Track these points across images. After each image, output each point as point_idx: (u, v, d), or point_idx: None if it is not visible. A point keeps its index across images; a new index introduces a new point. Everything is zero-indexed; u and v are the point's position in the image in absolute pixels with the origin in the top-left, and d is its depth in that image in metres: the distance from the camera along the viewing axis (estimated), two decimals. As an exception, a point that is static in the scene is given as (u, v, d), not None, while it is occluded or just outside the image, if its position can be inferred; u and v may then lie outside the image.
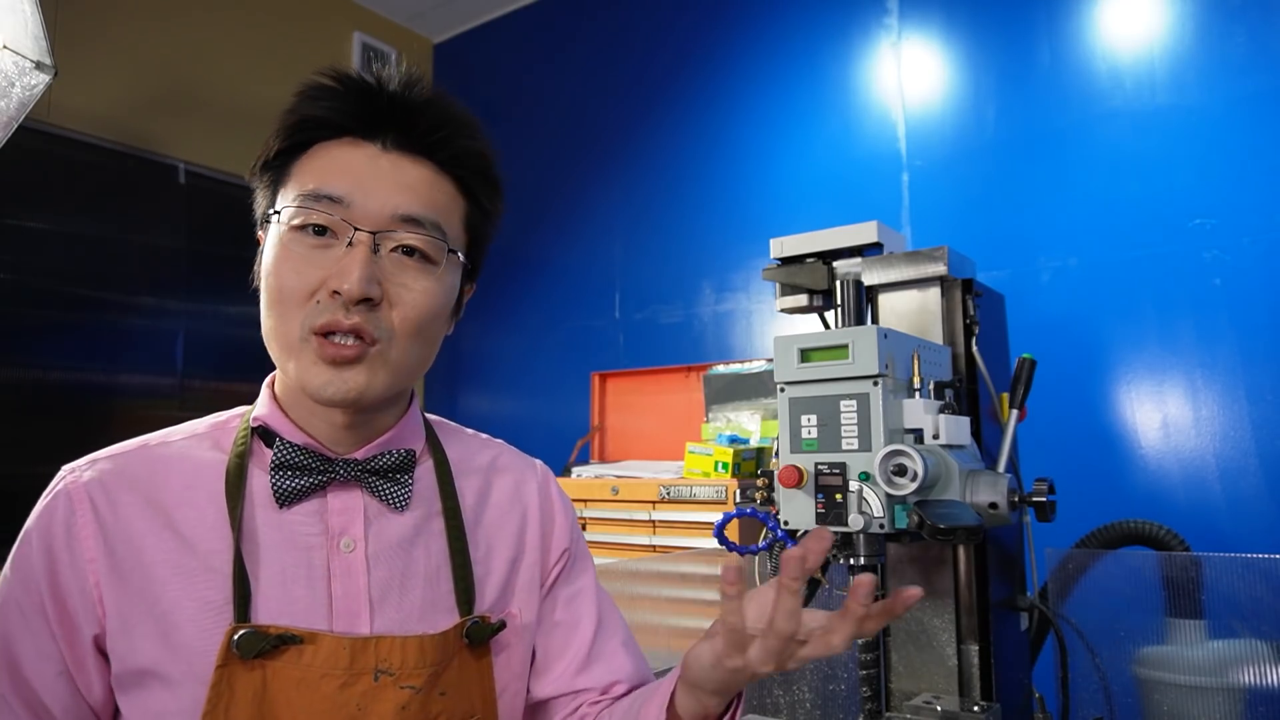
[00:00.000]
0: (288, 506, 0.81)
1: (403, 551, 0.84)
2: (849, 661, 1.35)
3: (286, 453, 0.81)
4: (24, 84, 1.07)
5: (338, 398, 0.78)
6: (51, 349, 2.80)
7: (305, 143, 0.82)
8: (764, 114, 3.00)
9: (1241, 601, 1.18)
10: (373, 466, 0.83)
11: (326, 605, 0.79)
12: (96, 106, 2.92)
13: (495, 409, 3.61)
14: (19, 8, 1.04)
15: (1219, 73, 2.19)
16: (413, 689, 0.78)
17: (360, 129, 0.82)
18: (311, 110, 0.82)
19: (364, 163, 0.81)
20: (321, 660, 0.75)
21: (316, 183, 0.79)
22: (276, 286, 0.78)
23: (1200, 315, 2.15)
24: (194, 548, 0.77)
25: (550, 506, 0.99)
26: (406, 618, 0.82)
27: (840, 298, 1.21)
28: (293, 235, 0.79)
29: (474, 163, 0.88)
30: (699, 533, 2.23)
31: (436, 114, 0.84)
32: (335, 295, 0.77)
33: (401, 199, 0.81)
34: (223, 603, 0.75)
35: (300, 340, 0.78)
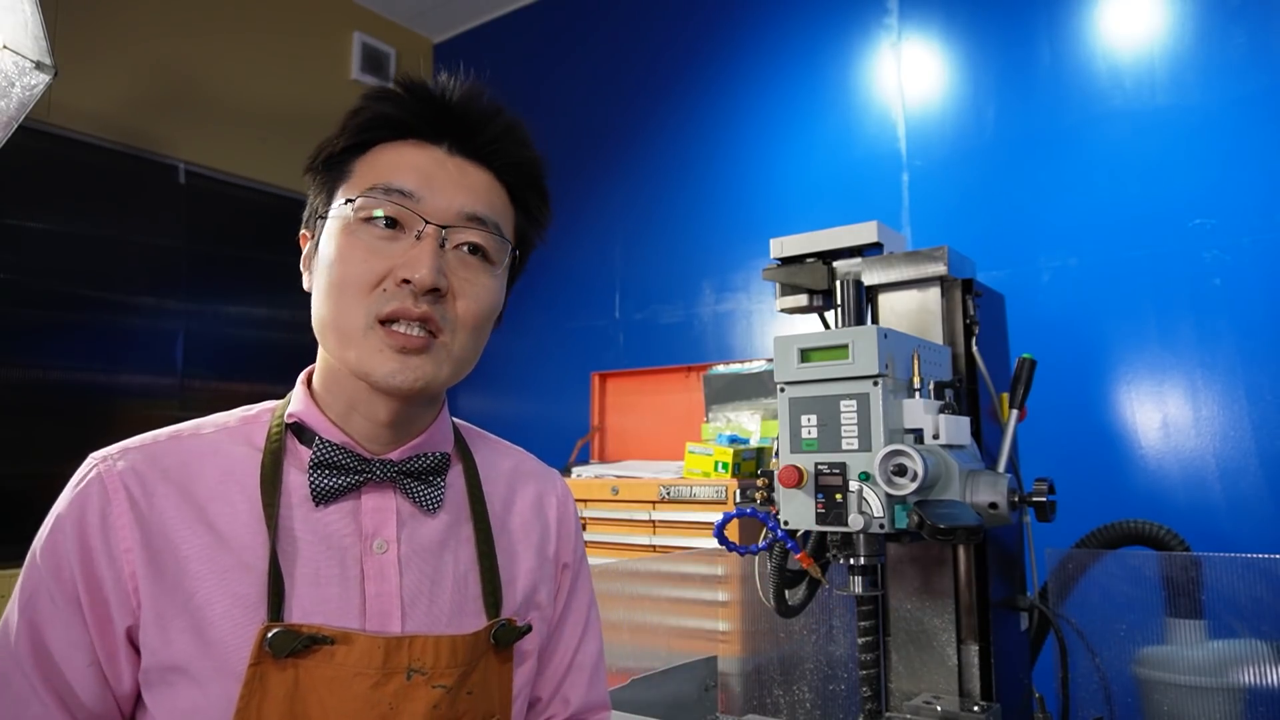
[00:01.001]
0: (323, 505, 0.81)
1: (433, 555, 0.85)
2: (849, 661, 1.35)
3: (325, 451, 0.81)
4: (24, 84, 1.07)
5: (404, 386, 0.79)
6: (51, 349, 2.80)
7: (368, 142, 0.84)
8: (764, 114, 3.00)
9: (1241, 601, 1.18)
10: (408, 468, 0.84)
11: (359, 605, 0.79)
12: (96, 106, 2.92)
13: (496, 409, 3.61)
14: (19, 8, 1.04)
15: (1219, 73, 2.19)
16: (444, 688, 0.79)
17: (426, 131, 0.84)
18: (381, 109, 0.84)
19: (431, 162, 0.83)
20: (355, 660, 0.76)
21: (387, 177, 0.81)
22: (342, 275, 0.79)
23: (1200, 315, 2.15)
24: (228, 543, 0.77)
25: (567, 522, 1.01)
26: (436, 620, 0.83)
27: (840, 298, 1.21)
28: (360, 225, 0.80)
29: (528, 172, 0.90)
30: (699, 533, 2.23)
31: (497, 124, 0.87)
32: (404, 284, 0.78)
33: (467, 198, 0.83)
34: (256, 600, 0.75)
35: (365, 329, 0.78)
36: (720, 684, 1.37)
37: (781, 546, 1.10)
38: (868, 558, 1.02)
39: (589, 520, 2.46)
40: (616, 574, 1.42)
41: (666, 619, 1.43)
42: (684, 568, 1.49)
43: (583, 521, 2.46)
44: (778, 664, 1.41)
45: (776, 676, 1.42)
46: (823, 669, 1.38)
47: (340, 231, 0.81)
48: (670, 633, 1.43)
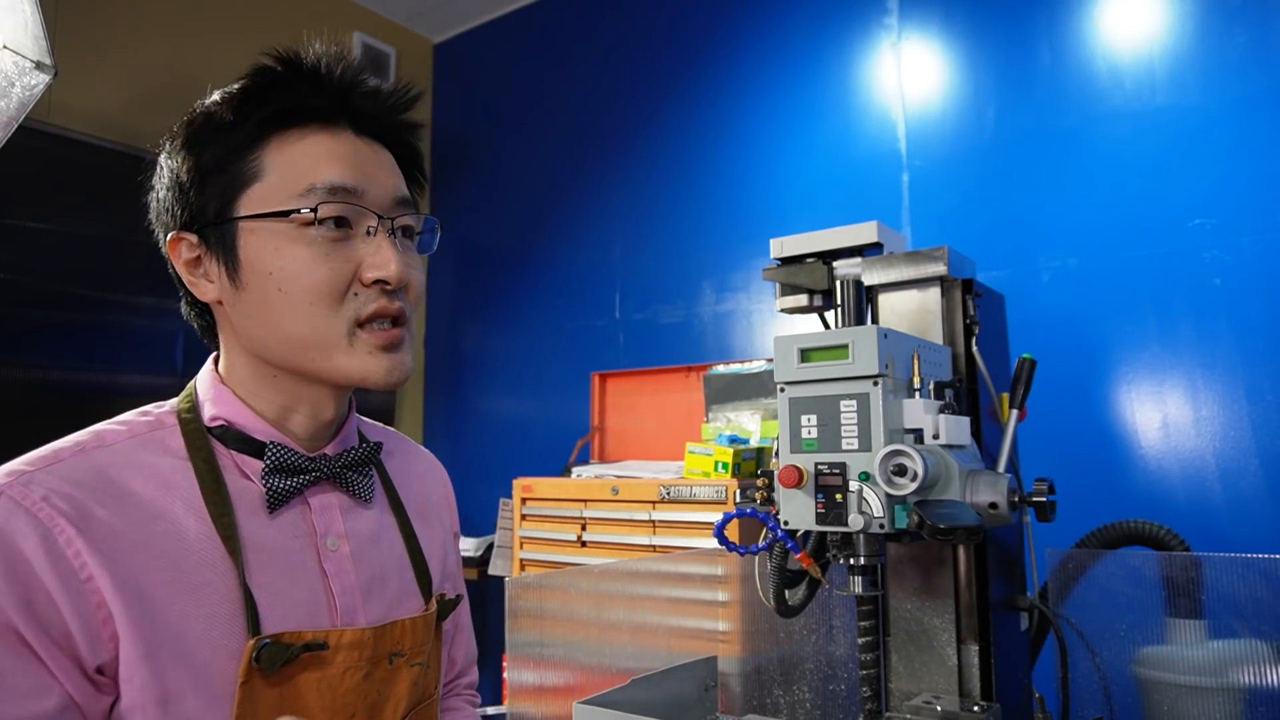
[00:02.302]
0: (275, 510, 0.79)
1: (374, 544, 0.86)
2: (849, 661, 1.35)
3: (279, 455, 0.79)
4: (24, 84, 1.07)
5: (399, 380, 0.80)
6: (51, 349, 2.80)
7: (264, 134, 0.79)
8: (764, 114, 3.00)
9: (1241, 601, 1.18)
10: (347, 460, 0.84)
11: (328, 604, 0.79)
12: (96, 106, 2.92)
13: (496, 409, 3.60)
14: (19, 8, 1.04)
15: (1219, 73, 2.19)
16: (421, 665, 0.82)
17: (327, 115, 0.81)
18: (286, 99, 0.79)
19: (351, 151, 0.80)
20: (344, 656, 0.76)
21: (319, 174, 0.77)
22: (306, 287, 0.76)
23: (1200, 315, 2.15)
24: (183, 563, 0.72)
25: (449, 491, 1.05)
26: (390, 607, 0.84)
27: (840, 298, 1.21)
28: (306, 231, 0.77)
29: (411, 139, 0.89)
30: (699, 533, 2.23)
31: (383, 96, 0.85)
32: (375, 284, 0.77)
33: (395, 181, 0.82)
34: (229, 616, 0.72)
35: (347, 335, 0.77)
36: (720, 684, 1.37)
37: (781, 546, 1.10)
38: (868, 558, 1.02)
39: (589, 520, 2.46)
40: (616, 574, 1.42)
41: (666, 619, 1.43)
42: (684, 568, 1.49)
43: (582, 522, 2.46)
44: (778, 664, 1.41)
45: (776, 676, 1.42)
46: (823, 669, 1.38)
47: (285, 240, 0.76)
48: (670, 633, 1.43)
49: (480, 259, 3.79)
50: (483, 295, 3.74)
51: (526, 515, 2.59)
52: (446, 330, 3.87)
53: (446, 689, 1.05)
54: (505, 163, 3.79)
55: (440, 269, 3.94)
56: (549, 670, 1.02)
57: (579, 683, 1.11)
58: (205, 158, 0.79)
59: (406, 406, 3.78)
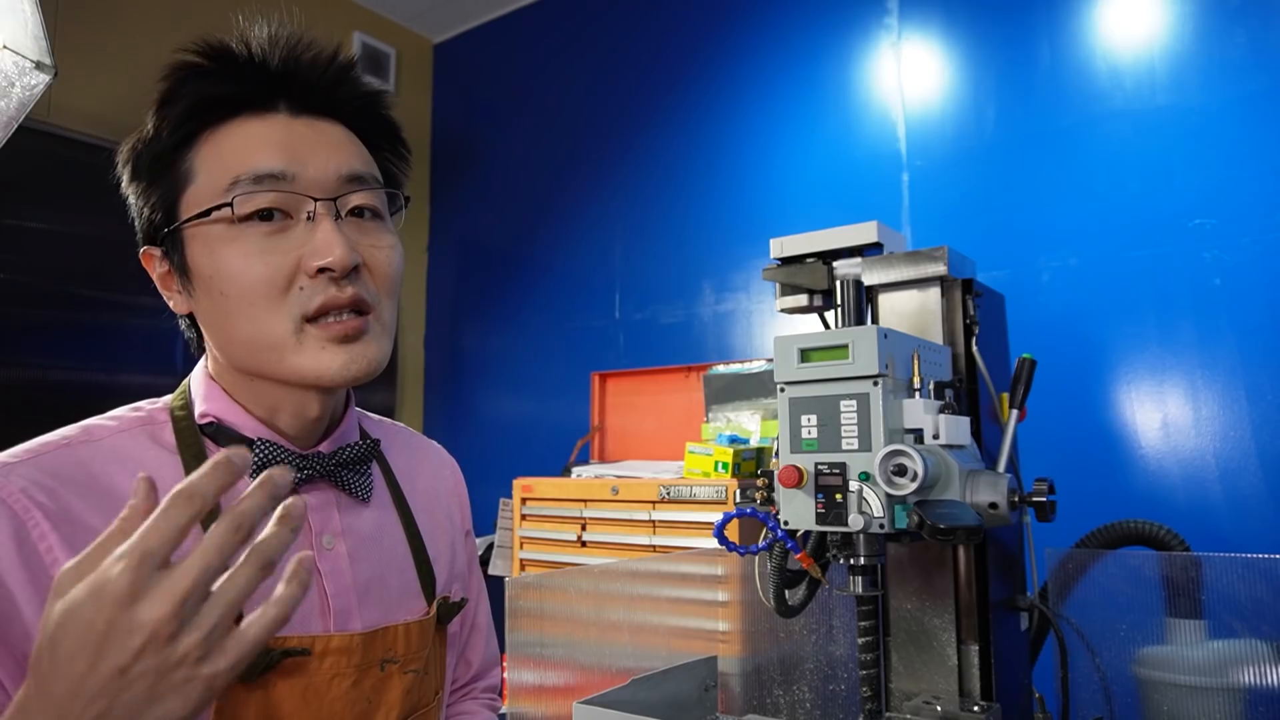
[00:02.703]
0: None
1: (374, 544, 0.83)
2: (849, 661, 1.35)
3: (268, 453, 0.76)
4: (24, 84, 1.07)
5: (361, 374, 0.75)
6: (51, 349, 2.80)
7: (193, 133, 0.75)
8: (764, 114, 3.00)
9: (1241, 601, 1.18)
10: (341, 459, 0.81)
11: (321, 605, 0.77)
12: (96, 106, 2.92)
13: (496, 409, 3.60)
14: (19, 8, 1.05)
15: (1219, 73, 2.19)
16: (415, 672, 0.79)
17: (256, 100, 0.76)
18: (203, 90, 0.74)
19: (282, 132, 0.75)
20: (330, 663, 0.73)
21: (245, 164, 0.72)
22: (244, 287, 0.72)
23: (1200, 315, 2.15)
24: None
25: (461, 489, 1.02)
26: (387, 608, 0.81)
27: (840, 298, 1.21)
28: (240, 228, 0.72)
29: (371, 110, 0.83)
30: (699, 533, 2.23)
31: (320, 68, 0.79)
32: (320, 274, 0.72)
33: (336, 158, 0.76)
34: None
35: (294, 333, 0.72)
36: (720, 684, 1.37)
37: (781, 546, 1.10)
38: (868, 558, 1.02)
39: (589, 520, 2.46)
40: (616, 574, 1.42)
41: (666, 619, 1.43)
42: (684, 568, 1.49)
43: (582, 522, 2.46)
44: (778, 664, 1.41)
45: (776, 676, 1.42)
46: (823, 669, 1.38)
47: (217, 241, 0.73)
48: (670, 633, 1.43)
49: (480, 259, 3.79)
50: (483, 295, 3.74)
51: (526, 515, 2.59)
52: (446, 330, 3.87)
53: (463, 692, 1.02)
54: (505, 163, 3.78)
55: (440, 269, 3.94)
56: (549, 670, 1.02)
57: (579, 683, 1.10)
58: (142, 170, 0.77)
59: (406, 406, 3.78)
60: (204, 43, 0.77)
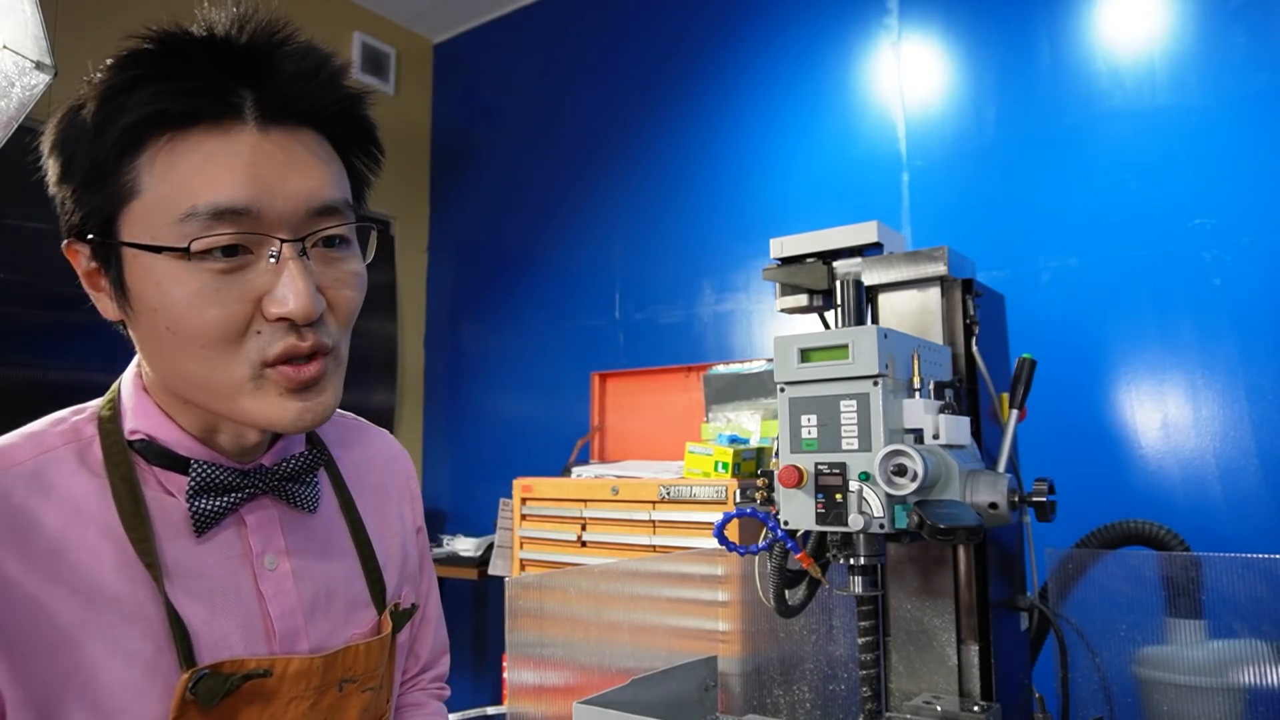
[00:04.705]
0: (205, 532, 0.71)
1: (320, 557, 0.79)
2: (849, 661, 1.35)
3: (205, 473, 0.70)
4: (24, 84, 1.07)
5: (314, 423, 0.70)
6: (51, 349, 2.80)
7: (141, 140, 0.65)
8: (764, 114, 3.00)
9: (1241, 601, 1.18)
10: (284, 472, 0.76)
11: (264, 628, 0.73)
12: (96, 106, 2.92)
13: (496, 409, 3.61)
14: (19, 8, 1.04)
15: (1219, 73, 2.19)
16: (372, 690, 0.77)
17: (218, 109, 0.65)
18: (156, 102, 0.64)
19: (249, 155, 0.65)
20: (289, 686, 0.70)
21: (202, 195, 0.64)
22: (197, 330, 0.65)
23: (1200, 315, 2.15)
24: (100, 597, 0.66)
25: (412, 482, 0.98)
26: (336, 624, 0.78)
27: (840, 298, 1.21)
28: (192, 264, 0.64)
29: (351, 113, 0.74)
30: (699, 533, 2.23)
31: (297, 64, 0.68)
32: (279, 320, 0.66)
33: (309, 186, 0.67)
34: (155, 652, 0.66)
35: (253, 378, 0.67)
36: (720, 684, 1.37)
37: (781, 546, 1.10)
38: (868, 558, 1.02)
39: (589, 520, 2.46)
40: (616, 574, 1.42)
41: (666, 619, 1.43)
42: (684, 568, 1.49)
43: (582, 522, 2.46)
44: (778, 664, 1.41)
45: (776, 676, 1.42)
46: (823, 669, 1.38)
47: (165, 274, 0.65)
48: (670, 633, 1.43)
49: (480, 259, 3.79)
50: (483, 295, 3.74)
51: (526, 515, 2.59)
52: (446, 330, 3.87)
53: (411, 683, 0.99)
54: (505, 163, 3.79)
55: (440, 269, 3.94)
56: (549, 670, 1.02)
57: (579, 683, 1.11)
58: (75, 165, 0.68)
59: (406, 406, 3.78)
60: (161, 30, 0.65)
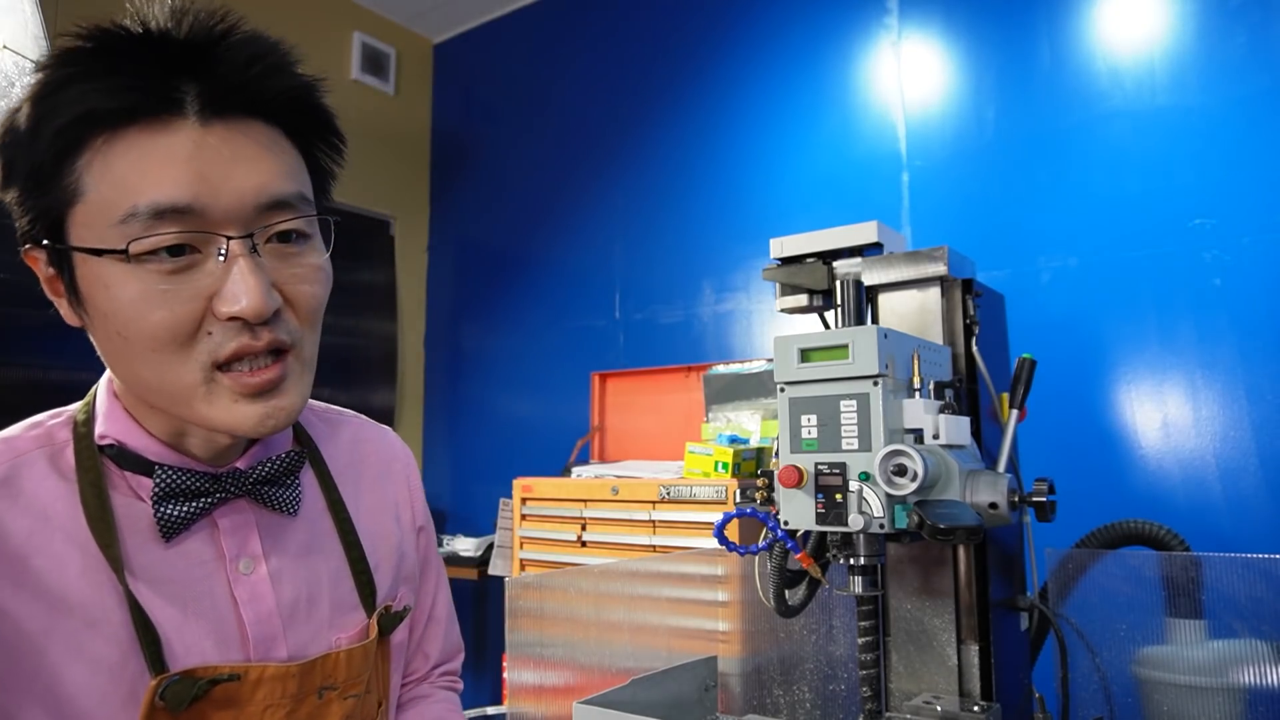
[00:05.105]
0: (174, 537, 0.70)
1: (303, 560, 0.77)
2: (849, 661, 1.35)
3: (170, 478, 0.69)
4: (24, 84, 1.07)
5: (277, 427, 0.68)
6: (51, 349, 2.80)
7: (78, 140, 0.63)
8: (764, 114, 3.00)
9: (1241, 601, 1.18)
10: (260, 475, 0.74)
11: (238, 634, 0.71)
12: (96, 106, 2.92)
13: (496, 409, 3.61)
14: (19, 8, 1.05)
15: (1219, 73, 2.19)
16: (355, 697, 0.75)
17: (157, 104, 0.63)
18: (88, 100, 0.61)
19: (189, 149, 0.63)
20: (264, 693, 0.68)
21: (143, 193, 0.61)
22: (144, 333, 0.63)
23: (1200, 315, 2.15)
24: (64, 603, 0.66)
25: (415, 485, 0.96)
26: (318, 629, 0.76)
27: (840, 298, 1.21)
28: (137, 266, 0.62)
29: (302, 101, 0.72)
30: (699, 533, 2.23)
31: (239, 54, 0.67)
32: (232, 320, 0.64)
33: (256, 181, 0.65)
34: (120, 658, 0.66)
35: (204, 383, 0.65)
36: (720, 684, 1.37)
37: (781, 546, 1.10)
38: (868, 558, 1.02)
39: (589, 520, 2.46)
40: (616, 574, 1.42)
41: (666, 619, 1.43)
42: (684, 568, 1.49)
43: (582, 522, 2.46)
44: (778, 664, 1.41)
45: (776, 676, 1.42)
46: (823, 669, 1.38)
47: (111, 277, 0.63)
48: (670, 633, 1.43)
49: (480, 259, 3.79)
50: (483, 295, 3.74)
51: (526, 515, 2.59)
52: (446, 330, 3.87)
53: (419, 680, 0.98)
54: (505, 162, 3.79)
55: (440, 269, 3.94)
56: (549, 670, 1.02)
57: (579, 683, 1.11)
58: (16, 170, 0.65)
59: (406, 406, 3.78)
60: (92, 26, 0.63)
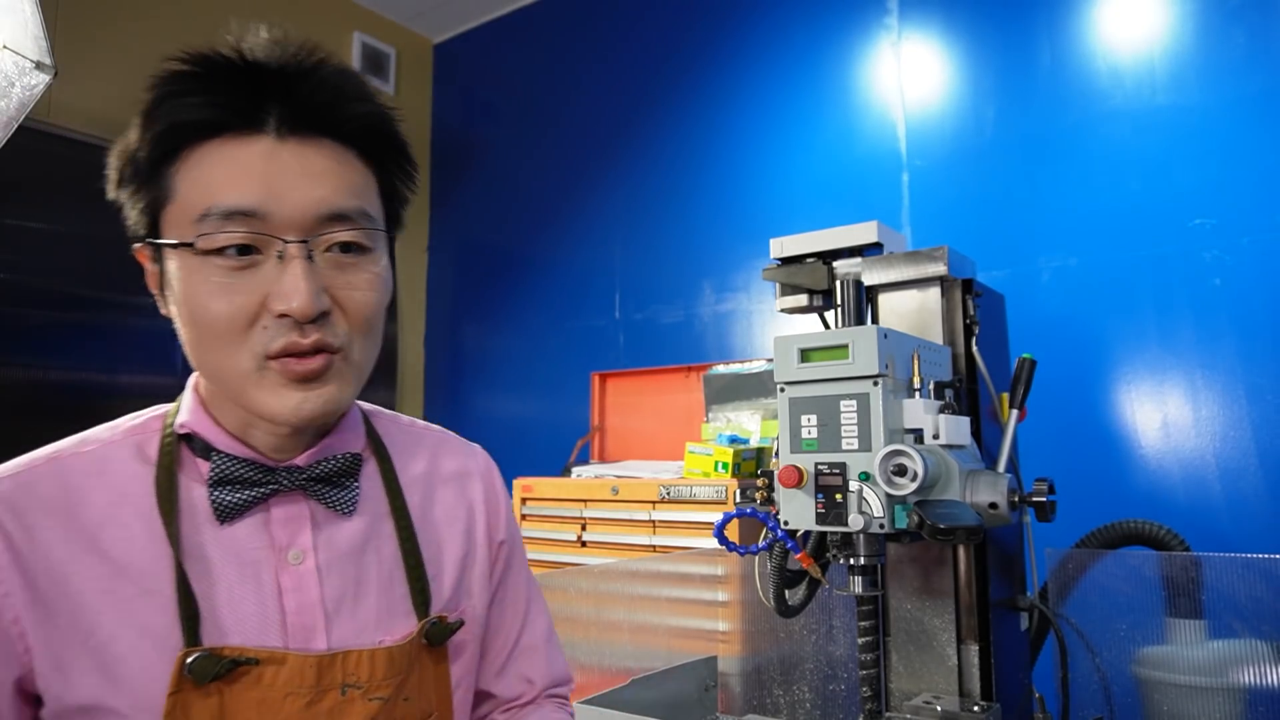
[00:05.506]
0: (229, 522, 0.76)
1: (354, 559, 0.80)
2: (849, 661, 1.35)
3: (225, 465, 0.75)
4: (24, 84, 1.07)
5: (315, 416, 0.73)
6: (51, 349, 2.80)
7: (175, 148, 0.72)
8: (764, 114, 3.00)
9: (1241, 601, 1.18)
10: (317, 473, 0.78)
11: (279, 622, 0.75)
12: (96, 106, 2.92)
13: (496, 409, 3.61)
14: (19, 8, 1.05)
15: (1219, 73, 2.19)
16: (381, 699, 0.76)
17: (241, 120, 0.72)
18: (180, 113, 0.72)
19: (263, 161, 0.71)
20: (285, 680, 0.71)
21: (216, 196, 0.70)
22: (208, 320, 0.71)
23: (1200, 315, 2.15)
24: (127, 571, 0.72)
25: (495, 498, 0.96)
26: (363, 627, 0.78)
27: (840, 298, 1.21)
28: (207, 261, 0.70)
29: (375, 128, 0.79)
30: (699, 533, 2.23)
31: (320, 82, 0.75)
32: (282, 317, 0.70)
33: (319, 194, 0.72)
34: (166, 628, 0.71)
35: (255, 370, 0.71)
36: (720, 684, 1.37)
37: (781, 546, 1.10)
38: (868, 558, 1.02)
39: (589, 520, 2.46)
40: (616, 574, 1.42)
41: (666, 619, 1.43)
42: (684, 568, 1.49)
43: (582, 522, 2.46)
44: (778, 664, 1.41)
45: (776, 676, 1.42)
46: (823, 669, 1.38)
47: (186, 269, 0.71)
48: (670, 633, 1.43)
49: (480, 259, 3.79)
50: (483, 295, 3.74)
51: (526, 515, 2.59)
52: (446, 330, 3.87)
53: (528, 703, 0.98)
54: (505, 163, 3.79)
55: (440, 269, 3.94)
56: (549, 670, 1.01)
57: (579, 683, 1.11)
58: (126, 180, 0.76)
59: (406, 407, 3.78)
60: (194, 52, 0.73)
